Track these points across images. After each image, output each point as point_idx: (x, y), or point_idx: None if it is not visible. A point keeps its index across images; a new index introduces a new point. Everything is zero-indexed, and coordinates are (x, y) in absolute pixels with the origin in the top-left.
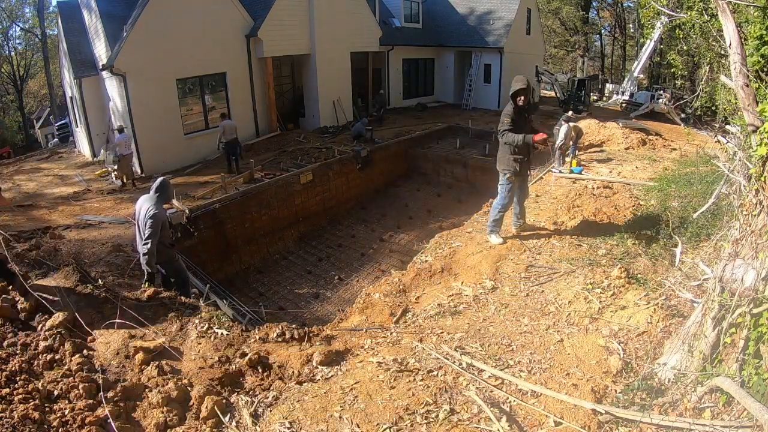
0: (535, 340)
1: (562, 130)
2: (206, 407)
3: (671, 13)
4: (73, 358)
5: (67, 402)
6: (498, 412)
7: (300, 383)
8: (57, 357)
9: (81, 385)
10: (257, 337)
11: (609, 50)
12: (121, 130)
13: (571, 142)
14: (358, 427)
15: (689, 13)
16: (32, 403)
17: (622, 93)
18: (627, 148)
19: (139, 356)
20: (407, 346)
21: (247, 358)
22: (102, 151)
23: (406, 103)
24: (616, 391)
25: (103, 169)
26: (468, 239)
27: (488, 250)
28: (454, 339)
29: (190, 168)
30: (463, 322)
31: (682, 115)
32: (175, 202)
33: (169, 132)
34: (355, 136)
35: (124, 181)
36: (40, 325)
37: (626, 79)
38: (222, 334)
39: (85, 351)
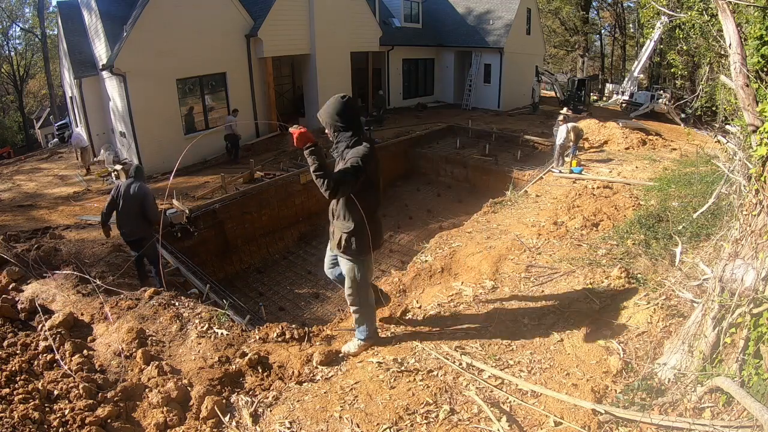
0: (535, 340)
1: (561, 130)
2: (206, 407)
3: (671, 13)
4: (73, 358)
5: (67, 402)
6: (498, 412)
7: (300, 383)
8: (57, 357)
9: (81, 385)
10: (257, 337)
11: (609, 50)
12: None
13: (570, 143)
14: (358, 427)
15: (689, 13)
16: (32, 403)
17: (622, 93)
18: (627, 148)
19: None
20: (407, 346)
21: (247, 358)
22: (102, 151)
23: (406, 103)
24: (616, 391)
25: (103, 169)
26: (468, 239)
27: (488, 250)
28: (454, 339)
29: (192, 166)
30: (463, 322)
31: (682, 115)
32: (175, 202)
33: (169, 132)
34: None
35: (88, 170)
36: (40, 325)
37: (626, 79)
38: (222, 334)
39: (85, 351)
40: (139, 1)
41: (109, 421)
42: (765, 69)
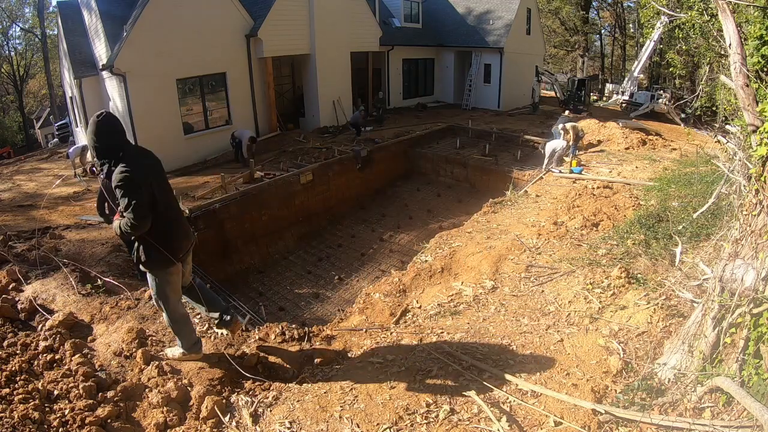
0: (535, 340)
1: (547, 148)
2: (206, 407)
3: (671, 13)
4: (73, 358)
5: (67, 402)
6: (498, 412)
7: (300, 383)
8: (57, 357)
9: (81, 385)
10: (257, 337)
11: (609, 50)
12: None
13: (569, 144)
14: (358, 427)
15: (689, 13)
16: (32, 403)
17: (622, 93)
18: (627, 148)
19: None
20: (407, 346)
21: (247, 358)
22: None
23: (406, 103)
24: (616, 391)
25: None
26: (468, 239)
27: (488, 250)
28: (454, 339)
29: (193, 167)
30: (463, 322)
31: (682, 115)
32: None
33: (169, 132)
34: (353, 124)
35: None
36: (40, 325)
37: (626, 79)
38: (222, 334)
39: (85, 351)
40: (139, 1)
41: (109, 421)
42: (765, 69)
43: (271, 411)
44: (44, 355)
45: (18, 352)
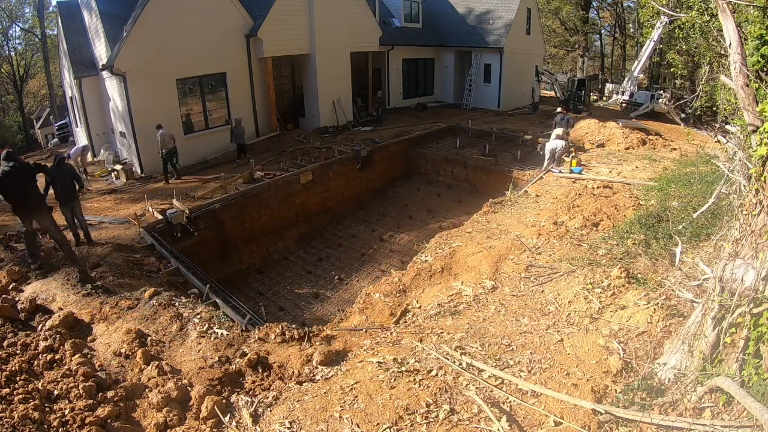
0: (535, 340)
1: (547, 148)
2: (206, 407)
3: (671, 13)
4: (73, 358)
5: (67, 402)
6: (498, 412)
7: (300, 383)
8: (57, 357)
9: (81, 385)
10: (257, 337)
11: (609, 50)
12: None
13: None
14: (358, 427)
15: (689, 13)
16: (32, 403)
17: (622, 93)
18: (627, 148)
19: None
20: (407, 346)
21: (247, 358)
22: (102, 151)
23: (406, 103)
24: (616, 391)
25: (103, 169)
26: (468, 239)
27: (488, 250)
28: (454, 339)
29: (197, 166)
30: (463, 322)
31: (682, 115)
32: (175, 202)
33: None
34: (239, 145)
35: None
36: (40, 325)
37: (626, 79)
38: (222, 334)
39: (85, 351)
40: (139, 1)
41: (109, 421)
42: (765, 69)
43: (271, 411)
44: (44, 355)
45: (18, 352)
